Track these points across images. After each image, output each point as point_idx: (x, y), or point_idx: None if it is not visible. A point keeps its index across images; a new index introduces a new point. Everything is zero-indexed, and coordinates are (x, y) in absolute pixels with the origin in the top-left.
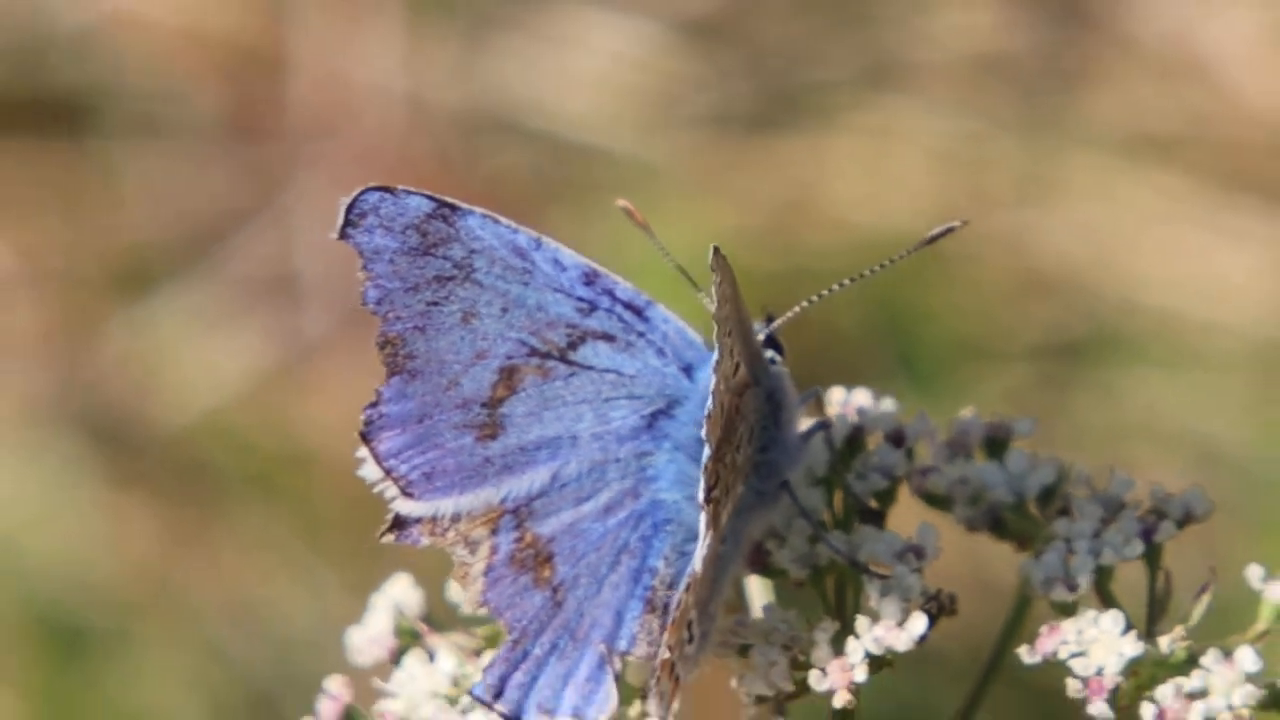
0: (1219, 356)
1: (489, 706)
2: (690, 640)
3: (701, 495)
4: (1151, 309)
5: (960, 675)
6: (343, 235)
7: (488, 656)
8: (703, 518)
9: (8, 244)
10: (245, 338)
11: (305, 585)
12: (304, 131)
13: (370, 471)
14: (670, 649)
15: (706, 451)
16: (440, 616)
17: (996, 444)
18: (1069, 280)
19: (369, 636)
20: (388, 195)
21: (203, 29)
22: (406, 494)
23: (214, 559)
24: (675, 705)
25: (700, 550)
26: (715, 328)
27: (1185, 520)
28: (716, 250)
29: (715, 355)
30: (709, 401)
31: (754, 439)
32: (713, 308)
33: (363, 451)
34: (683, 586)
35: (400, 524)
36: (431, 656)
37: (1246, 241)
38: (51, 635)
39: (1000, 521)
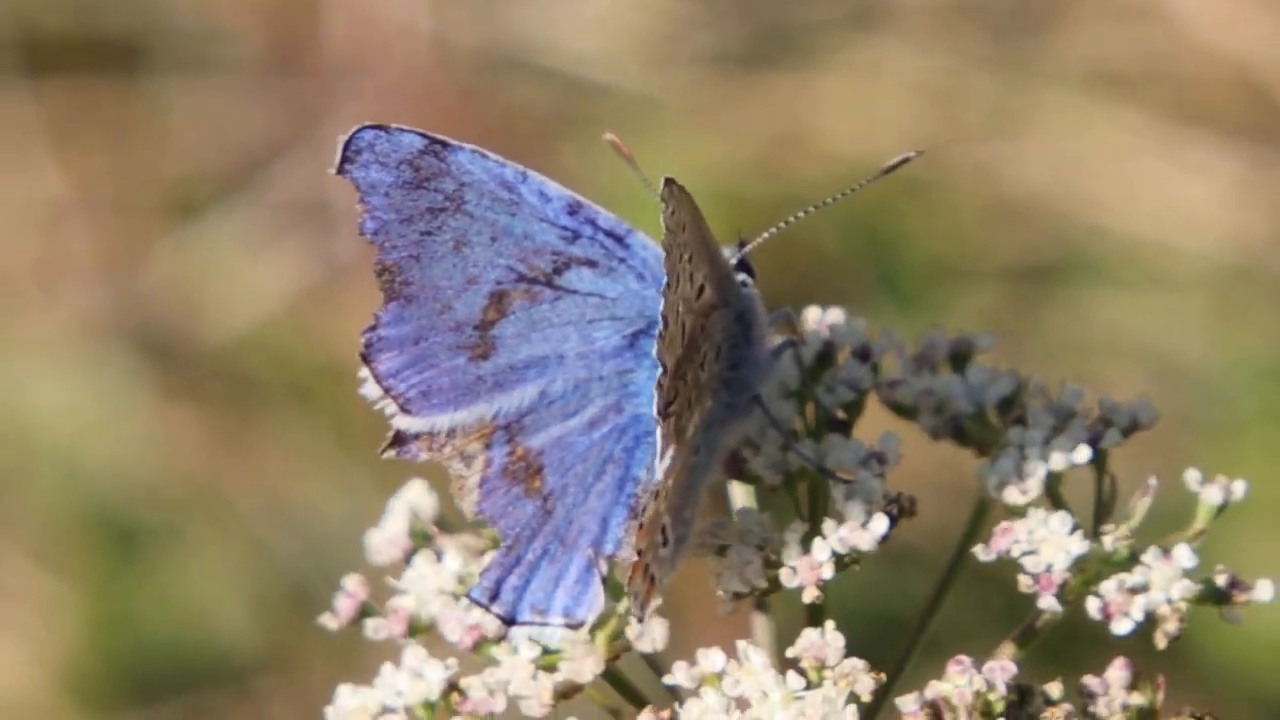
0: (1177, 278)
1: (485, 608)
2: (665, 544)
3: (655, 410)
4: (1115, 234)
5: (935, 569)
6: (340, 170)
7: (491, 557)
8: (659, 431)
9: (66, 174)
10: (284, 260)
11: (338, 485)
12: (338, 68)
13: (371, 390)
14: (641, 553)
15: (660, 370)
16: (452, 519)
17: (960, 358)
18: (1038, 207)
19: (386, 538)
20: (382, 133)
21: None
22: (405, 411)
23: (256, 463)
24: (653, 604)
25: (664, 462)
26: (665, 255)
27: (1131, 428)
28: (669, 181)
29: (665, 280)
30: (659, 324)
31: (723, 356)
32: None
33: (364, 371)
34: (650, 496)
35: (400, 440)
36: (439, 557)
37: (1202, 173)
38: (107, 533)
39: (962, 430)
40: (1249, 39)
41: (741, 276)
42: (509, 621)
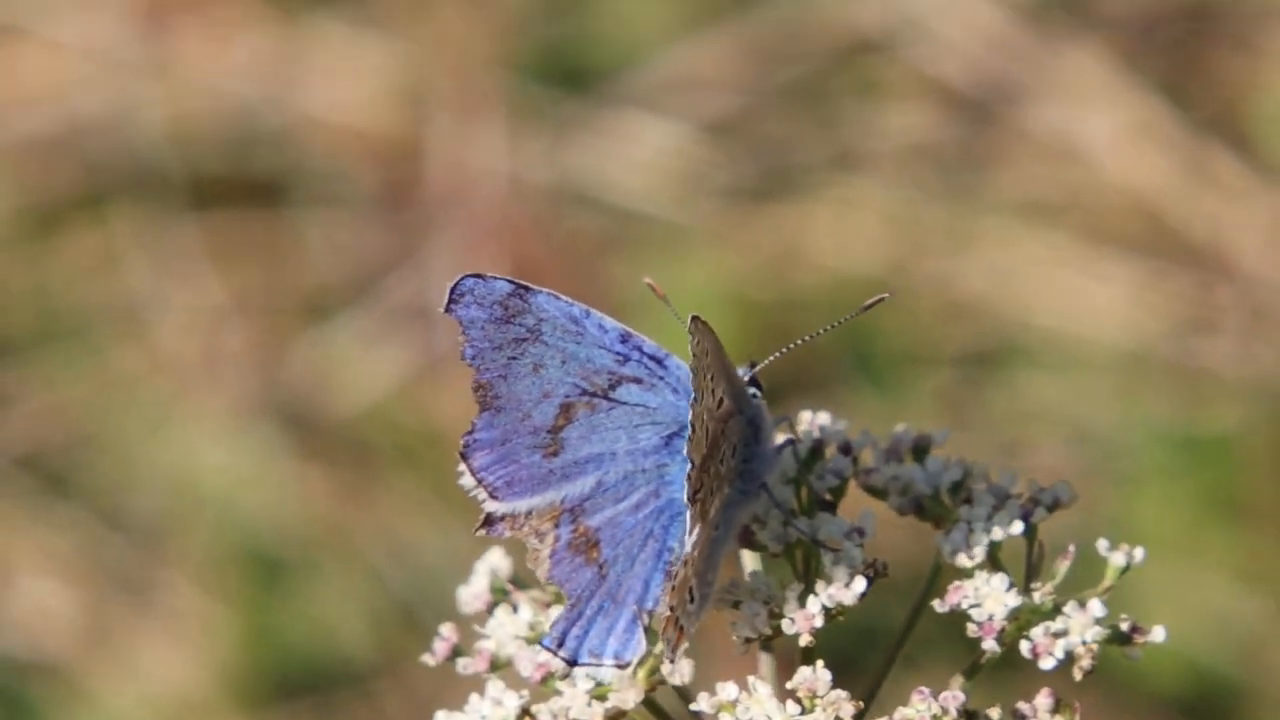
0: (1089, 362)
1: (554, 653)
2: (693, 601)
3: (686, 497)
4: (1041, 328)
5: (906, 593)
6: (447, 309)
7: (555, 610)
8: (688, 514)
9: (224, 285)
10: (394, 352)
11: (437, 527)
12: (435, 202)
13: (467, 481)
14: (672, 609)
15: (689, 466)
16: (524, 578)
17: (920, 450)
18: (981, 307)
19: (472, 593)
20: (480, 280)
21: (364, 128)
22: (493, 497)
23: (373, 510)
24: (682, 648)
25: (690, 538)
26: (692, 375)
27: (1054, 506)
28: (695, 318)
29: (693, 395)
30: (689, 428)
31: (738, 453)
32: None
33: (461, 467)
34: (680, 563)
35: (490, 521)
36: (515, 608)
37: (1109, 281)
38: (256, 565)
39: (922, 507)
40: (1147, 174)
41: (752, 390)
42: (572, 663)
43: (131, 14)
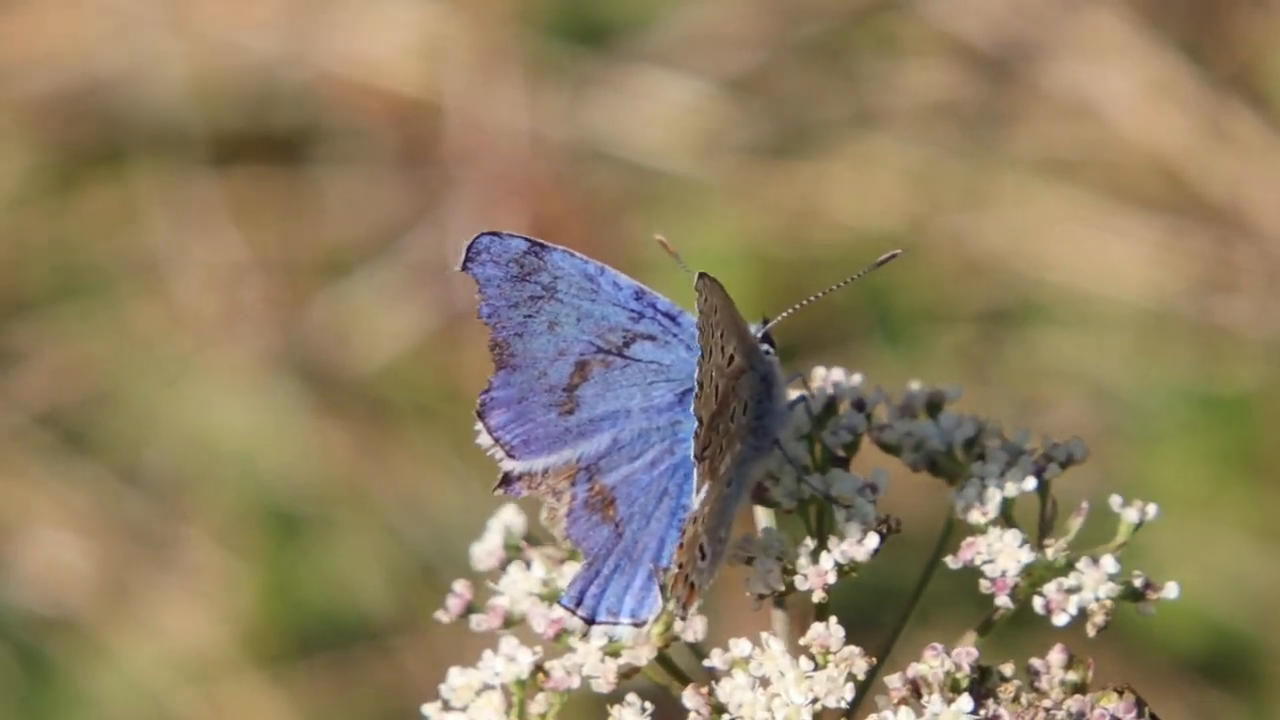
0: (1107, 320)
1: (571, 612)
2: (704, 558)
3: (693, 454)
4: (1059, 286)
5: (921, 549)
6: (464, 267)
7: (568, 566)
8: (695, 471)
9: (245, 240)
10: (413, 309)
11: (456, 485)
12: (455, 159)
13: (484, 439)
14: (681, 565)
15: (698, 423)
16: (537, 534)
17: (934, 406)
18: (999, 265)
19: (486, 549)
20: (496, 238)
21: (384, 86)
22: (510, 456)
23: (391, 467)
24: (695, 605)
25: (699, 495)
26: (699, 333)
27: (1067, 462)
28: (702, 276)
29: (700, 353)
30: (695, 386)
31: (749, 410)
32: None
33: (478, 425)
34: (688, 520)
35: (507, 480)
36: (528, 565)
37: (1127, 238)
38: (275, 522)
39: (936, 464)
40: (1166, 132)
41: (765, 347)
42: (590, 621)
43: None
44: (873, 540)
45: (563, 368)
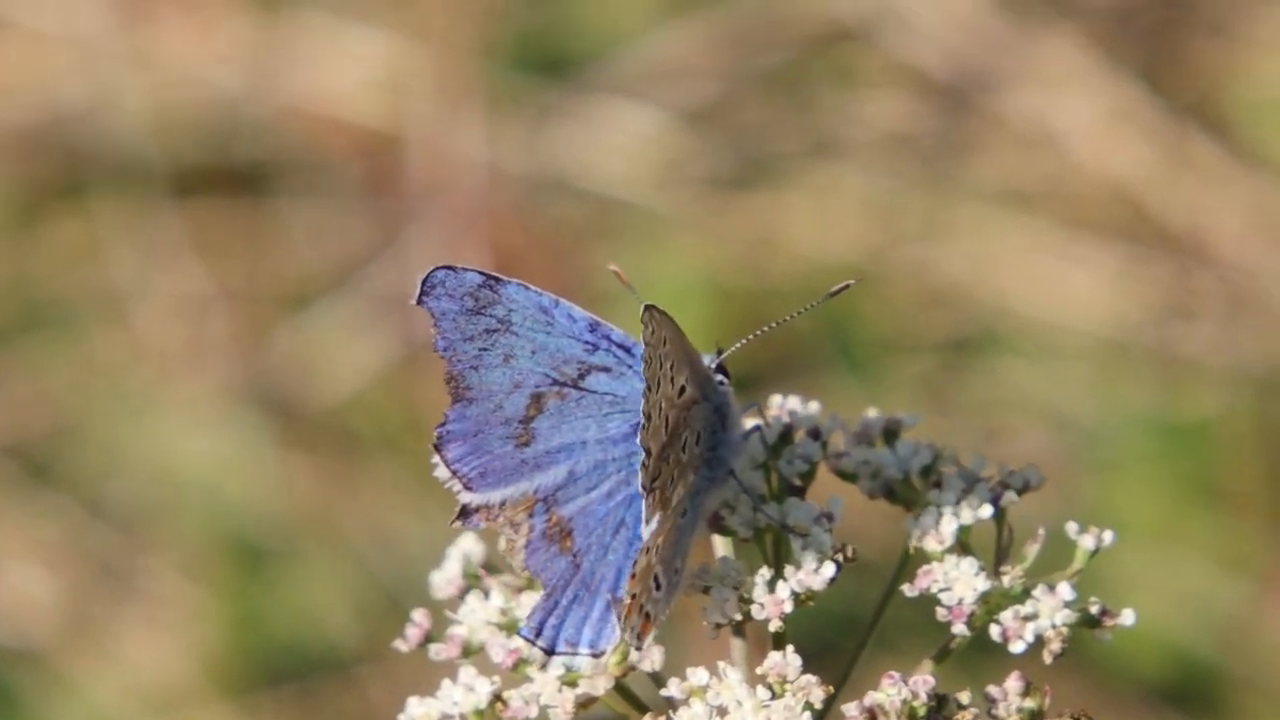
0: (1067, 350)
1: (531, 642)
2: (659, 588)
3: (641, 486)
4: (1019, 315)
5: (880, 575)
6: (419, 301)
7: (526, 595)
8: (645, 503)
9: (208, 272)
10: (376, 339)
11: (420, 516)
12: (417, 191)
13: (441, 472)
14: (634, 596)
15: (645, 454)
16: (495, 562)
17: (891, 434)
18: (959, 295)
19: (445, 578)
20: (450, 271)
21: (346, 118)
22: (468, 488)
23: (356, 498)
24: (650, 635)
25: (650, 525)
26: (645, 365)
27: (1024, 489)
28: (648, 308)
29: (645, 385)
30: (642, 419)
31: (702, 440)
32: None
33: (435, 458)
34: (640, 551)
35: (465, 512)
36: (487, 594)
37: (1087, 267)
38: (240, 553)
39: (893, 491)
40: (1125, 161)
41: (719, 377)
42: (549, 652)
43: (113, 4)
44: (829, 569)
45: (518, 400)
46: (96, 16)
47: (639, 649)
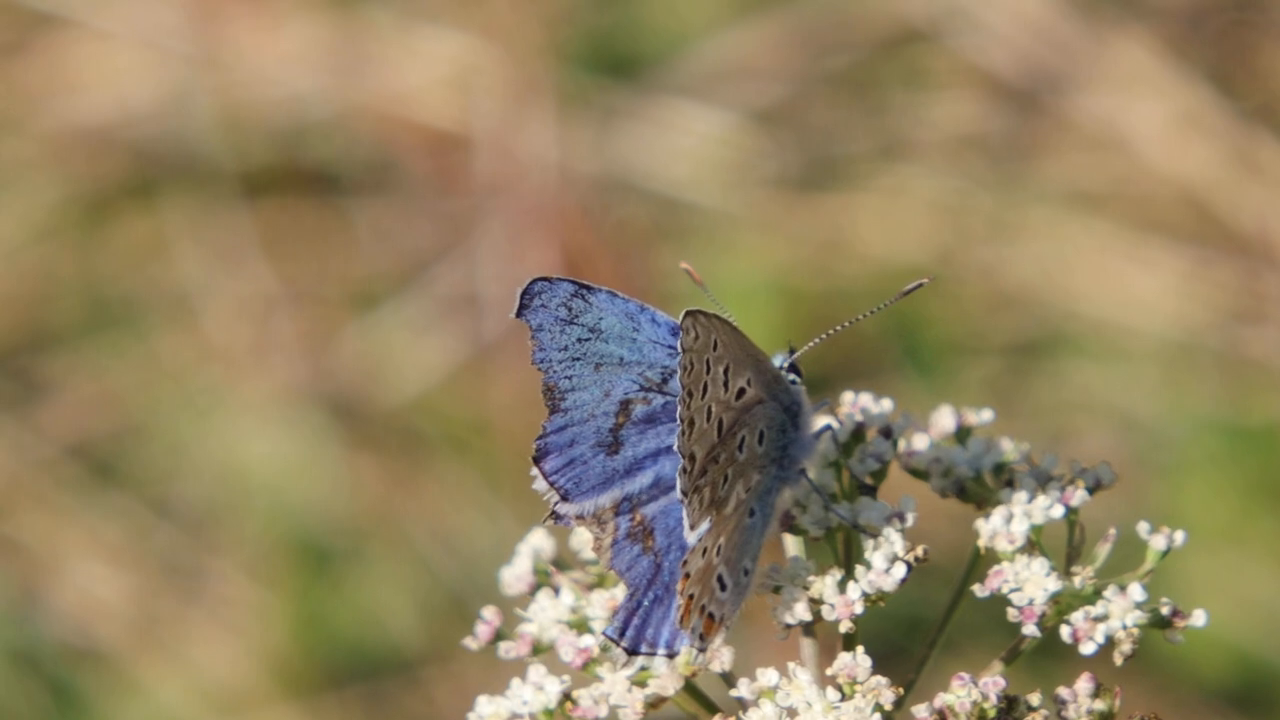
0: (1135, 352)
1: (615, 643)
2: (724, 589)
3: (679, 490)
4: (1087, 318)
5: (949, 580)
6: (519, 314)
7: (596, 593)
8: (686, 506)
9: (275, 273)
10: (443, 340)
11: (487, 517)
12: (485, 191)
13: (540, 485)
14: (692, 597)
15: (685, 460)
16: (566, 559)
17: (963, 432)
18: (1027, 297)
19: (515, 574)
20: (547, 283)
21: (414, 118)
22: (565, 499)
23: (422, 498)
24: (717, 638)
25: (697, 530)
26: (682, 372)
27: (1095, 487)
28: (689, 314)
29: (684, 391)
30: (681, 425)
31: (768, 439)
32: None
33: (534, 471)
34: (693, 551)
35: (557, 515)
36: (557, 591)
37: (1155, 270)
38: (306, 554)
39: (964, 489)
40: (1193, 164)
41: (791, 376)
42: (631, 653)
43: (183, 3)
44: (900, 570)
45: (609, 408)
46: (165, 16)
47: (702, 650)
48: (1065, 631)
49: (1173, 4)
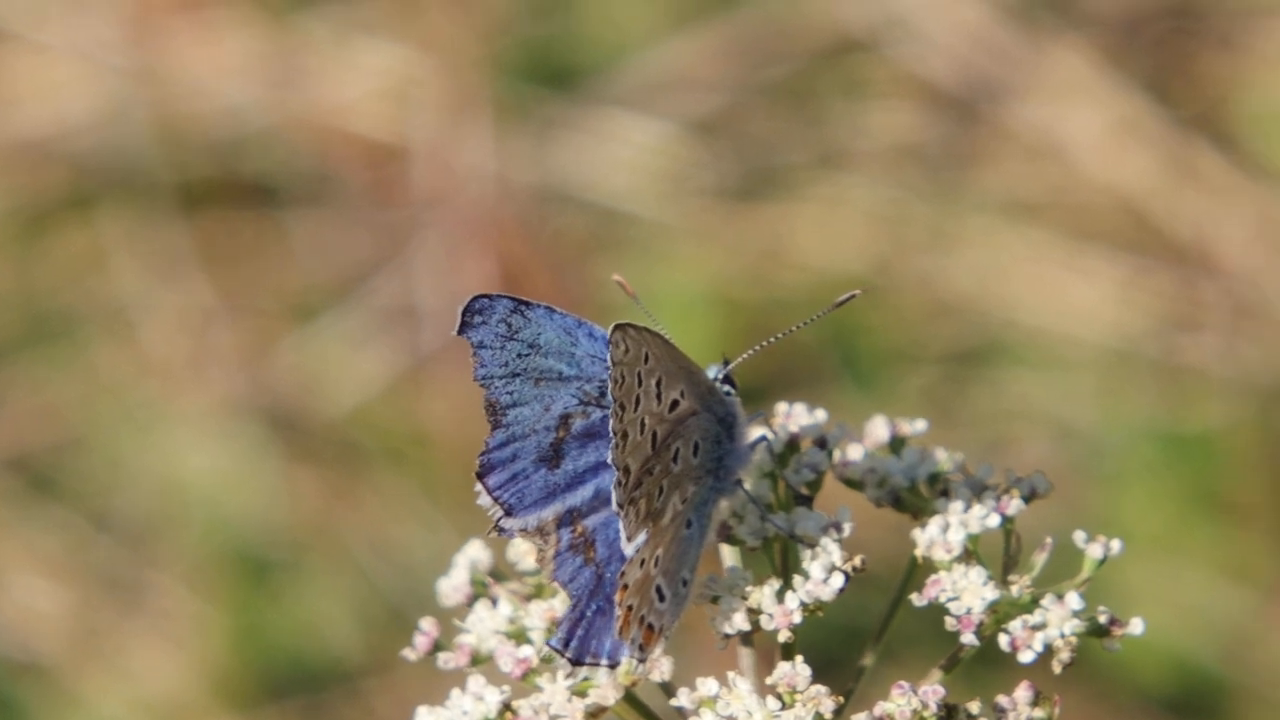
0: (1072, 360)
1: (560, 653)
2: (663, 599)
3: (615, 503)
4: (1024, 326)
5: (886, 589)
6: (460, 332)
7: (534, 603)
8: (623, 518)
9: (213, 285)
10: (381, 352)
11: (425, 528)
12: (422, 202)
13: (484, 500)
14: (630, 608)
15: (619, 472)
16: (503, 570)
17: (897, 442)
18: (965, 306)
19: (452, 585)
20: (487, 300)
21: (352, 130)
22: (509, 514)
23: (361, 510)
24: (656, 648)
25: (635, 540)
26: (613, 385)
27: (1031, 496)
28: (617, 328)
29: (615, 405)
30: (614, 438)
31: (703, 450)
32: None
33: (478, 487)
34: (630, 563)
35: (499, 528)
36: (495, 603)
37: (1092, 278)
38: (244, 566)
39: (899, 499)
40: (1130, 173)
41: (726, 388)
42: (576, 663)
43: (120, 17)
44: (838, 580)
45: (549, 422)
46: (103, 29)
47: (642, 660)
48: (1003, 640)
49: (1109, 13)
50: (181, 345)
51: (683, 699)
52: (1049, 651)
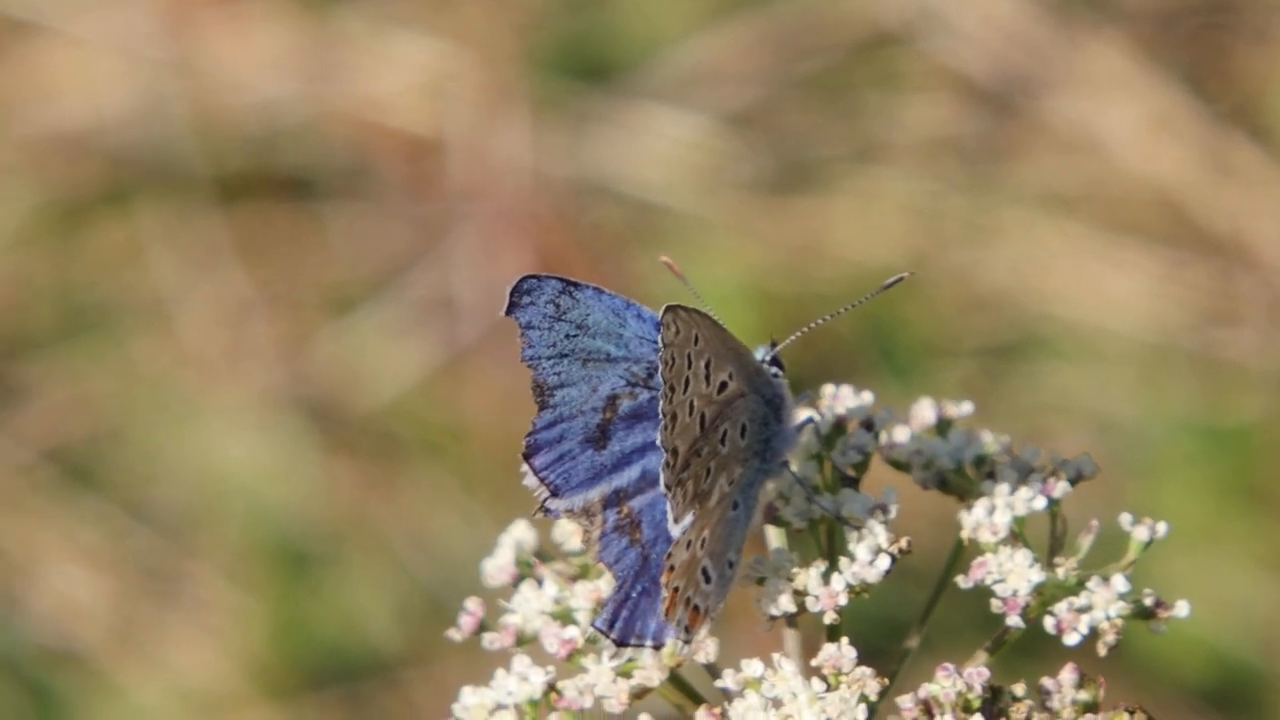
0: (1110, 353)
1: (605, 634)
2: (709, 581)
3: (663, 484)
4: (1062, 319)
5: (927, 581)
6: (509, 312)
7: (579, 584)
8: (670, 499)
9: (250, 278)
10: (418, 344)
11: (463, 519)
12: (459, 195)
13: (530, 481)
14: (676, 589)
15: (667, 454)
16: (548, 551)
17: (944, 424)
18: (1002, 299)
19: (497, 565)
20: (535, 280)
21: (389, 123)
22: (555, 495)
23: (398, 502)
24: (701, 630)
25: (681, 521)
26: (663, 366)
27: (1077, 479)
28: (669, 309)
29: (666, 386)
30: (663, 419)
31: (750, 432)
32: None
33: (524, 468)
34: (677, 544)
35: (545, 509)
36: (540, 582)
37: (1129, 271)
38: (284, 557)
39: (945, 481)
40: (1166, 166)
41: (773, 370)
42: (620, 644)
43: (156, 10)
44: (884, 562)
45: (596, 403)
46: (139, 23)
47: (687, 642)
48: (1049, 622)
49: (1145, 7)
50: (219, 337)
51: (727, 680)
52: (1094, 634)
